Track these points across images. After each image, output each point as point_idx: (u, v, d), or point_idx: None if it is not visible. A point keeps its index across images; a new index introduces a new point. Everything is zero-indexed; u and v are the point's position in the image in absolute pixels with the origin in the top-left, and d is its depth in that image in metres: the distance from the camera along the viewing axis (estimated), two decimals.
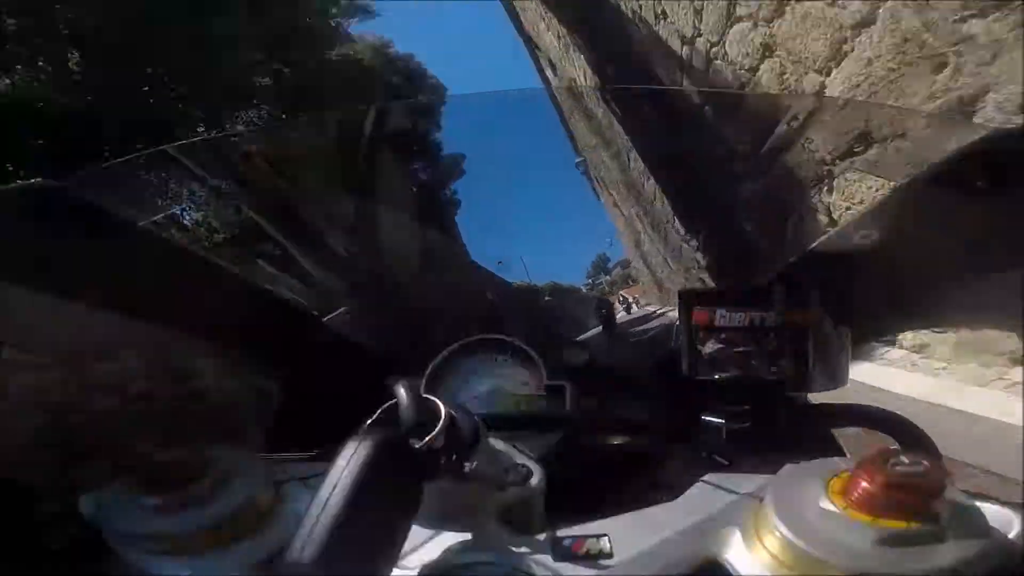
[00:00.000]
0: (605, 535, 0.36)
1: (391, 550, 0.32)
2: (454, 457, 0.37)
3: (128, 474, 0.38)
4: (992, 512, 0.33)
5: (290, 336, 0.87)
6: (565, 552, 0.35)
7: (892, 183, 0.54)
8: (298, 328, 0.88)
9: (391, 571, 0.33)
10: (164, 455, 0.37)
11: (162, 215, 0.62)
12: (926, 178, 0.50)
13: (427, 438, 0.36)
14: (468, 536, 0.37)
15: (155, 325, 0.76)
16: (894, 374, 2.20)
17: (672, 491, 0.41)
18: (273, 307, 0.85)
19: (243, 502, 0.37)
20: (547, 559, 0.35)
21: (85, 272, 0.62)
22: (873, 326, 0.72)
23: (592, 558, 0.35)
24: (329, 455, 0.37)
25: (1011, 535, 0.33)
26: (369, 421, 0.40)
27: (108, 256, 0.61)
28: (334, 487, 0.31)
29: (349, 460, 0.32)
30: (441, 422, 0.37)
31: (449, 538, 0.37)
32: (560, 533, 0.37)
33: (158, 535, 0.36)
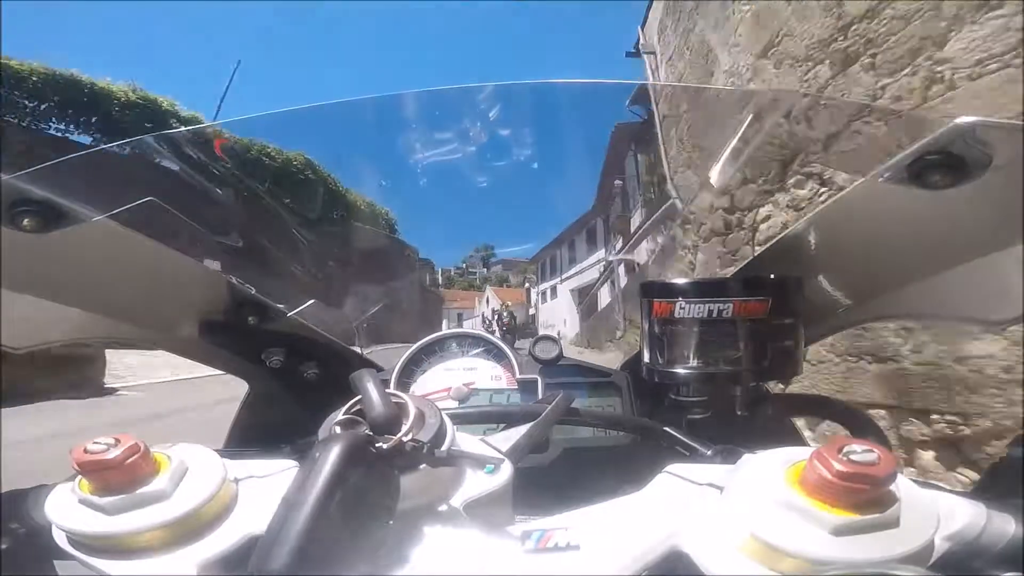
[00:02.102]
0: (573, 527, 0.36)
1: (367, 550, 0.32)
2: (421, 453, 0.37)
3: (78, 472, 0.37)
4: (940, 501, 0.35)
5: (254, 330, 0.86)
6: (534, 545, 0.35)
7: (850, 178, 0.56)
8: (262, 321, 0.86)
9: (366, 570, 0.32)
10: (117, 454, 0.36)
11: (121, 208, 0.61)
12: (884, 173, 0.51)
13: (396, 436, 0.36)
14: (436, 530, 0.37)
15: (113, 318, 0.74)
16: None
17: (637, 483, 0.42)
18: (238, 299, 0.84)
19: (201, 500, 0.36)
20: (516, 552, 0.35)
21: (41, 266, 0.61)
22: (828, 318, 0.74)
23: (560, 550, 0.35)
24: (289, 452, 0.36)
25: (958, 524, 0.35)
26: (335, 419, 0.39)
27: (65, 249, 0.59)
28: (302, 490, 0.31)
29: (317, 462, 0.31)
30: (410, 420, 0.37)
31: (417, 532, 0.37)
32: (528, 526, 0.37)
33: (110, 535, 0.35)
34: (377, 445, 0.35)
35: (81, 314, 0.69)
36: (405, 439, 0.36)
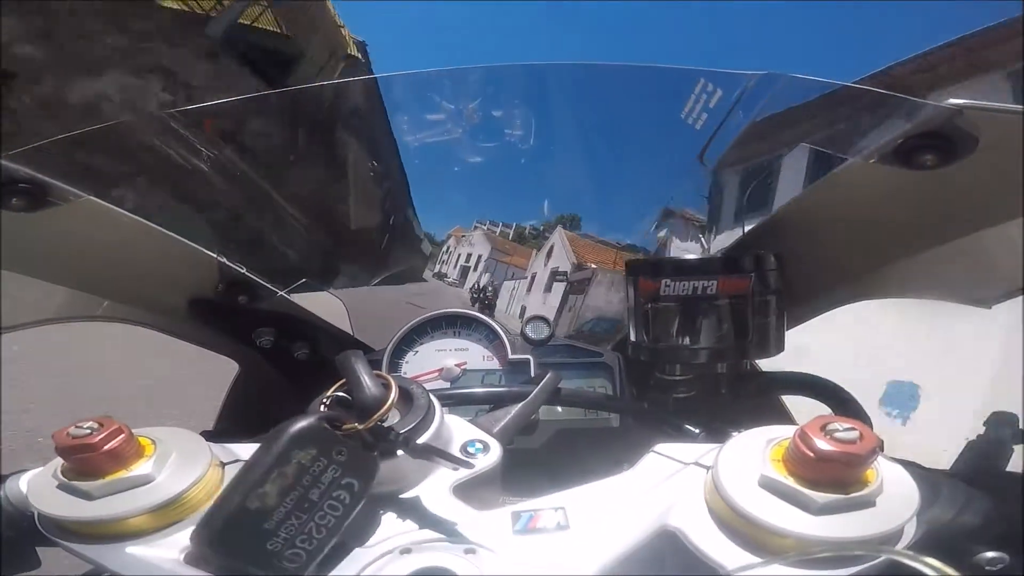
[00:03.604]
0: (562, 508, 0.37)
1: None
2: (407, 433, 0.37)
3: (60, 456, 0.36)
4: (921, 479, 0.36)
5: (244, 309, 0.85)
6: (523, 526, 0.36)
7: (837, 158, 0.56)
8: (253, 300, 0.86)
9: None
10: (100, 438, 0.35)
11: (110, 187, 0.61)
12: (873, 154, 0.51)
13: (374, 416, 0.36)
14: (426, 512, 0.38)
15: (103, 297, 0.74)
16: None
17: (626, 463, 0.42)
18: (228, 279, 0.83)
19: (186, 485, 0.36)
20: (506, 533, 0.35)
21: (29, 244, 0.60)
22: (815, 298, 0.74)
23: (550, 531, 0.35)
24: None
25: (939, 501, 0.35)
26: (321, 399, 0.39)
27: (54, 228, 0.59)
28: (247, 469, 0.32)
29: (268, 442, 0.33)
30: (389, 402, 0.37)
31: (406, 514, 0.38)
32: (518, 507, 0.37)
33: (95, 521, 0.34)
34: (347, 426, 0.35)
35: (70, 292, 0.69)
36: (383, 422, 0.36)
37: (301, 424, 0.33)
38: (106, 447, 0.35)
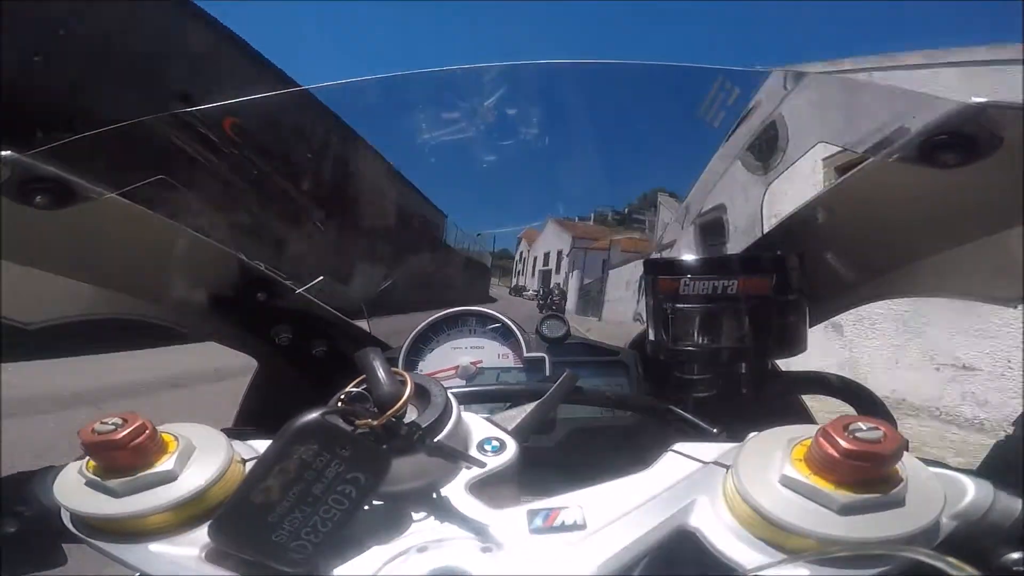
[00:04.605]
0: (579, 506, 0.36)
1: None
2: (422, 430, 0.37)
3: (86, 452, 0.37)
4: (945, 479, 0.35)
5: (263, 306, 0.86)
6: (540, 524, 0.36)
7: (859, 157, 0.55)
8: (271, 298, 0.87)
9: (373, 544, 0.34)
10: (125, 434, 0.36)
11: (132, 186, 0.61)
12: (894, 152, 0.51)
13: (388, 412, 0.36)
14: (442, 510, 0.38)
15: (125, 294, 0.75)
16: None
17: (645, 461, 0.42)
18: (247, 276, 0.84)
19: (207, 481, 0.37)
20: (521, 532, 0.35)
21: (53, 242, 0.61)
22: (836, 297, 0.74)
23: (566, 529, 0.35)
24: None
25: (964, 502, 0.35)
26: (339, 395, 0.40)
27: (77, 226, 0.60)
28: (257, 463, 0.33)
29: (276, 439, 0.33)
30: (404, 398, 0.37)
31: (422, 513, 0.38)
32: (534, 506, 0.37)
33: (118, 517, 0.35)
34: (360, 423, 0.35)
35: (93, 290, 0.70)
36: (395, 419, 0.36)
37: (302, 420, 0.33)
38: (131, 444, 0.36)
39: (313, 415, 0.34)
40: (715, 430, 0.56)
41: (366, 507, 0.35)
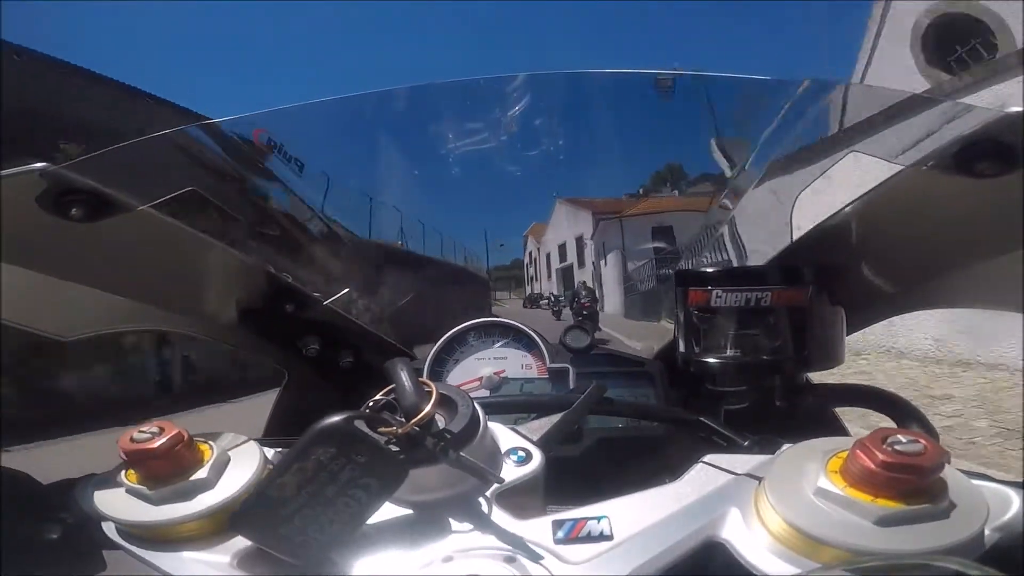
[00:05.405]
0: (605, 517, 0.36)
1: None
2: (449, 439, 0.37)
3: (125, 461, 0.38)
4: (990, 491, 0.34)
5: (291, 318, 0.87)
6: (565, 534, 0.35)
7: (892, 167, 0.54)
8: (299, 309, 0.88)
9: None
10: (162, 443, 0.37)
11: (164, 198, 0.62)
12: (930, 160, 0.50)
13: (411, 420, 0.36)
14: (467, 520, 0.38)
15: (157, 306, 0.76)
16: None
17: (672, 473, 0.41)
18: (275, 288, 0.85)
19: (241, 489, 0.37)
20: (547, 542, 0.35)
21: (88, 254, 0.62)
22: (870, 307, 0.72)
23: (593, 540, 0.35)
24: None
25: (1009, 514, 0.34)
26: (367, 404, 0.40)
27: (111, 238, 0.61)
28: (277, 465, 0.34)
29: (301, 438, 0.34)
30: (428, 407, 0.37)
31: (448, 522, 0.38)
32: (560, 516, 0.37)
33: (156, 525, 0.36)
34: (384, 430, 0.36)
35: (127, 303, 0.71)
36: (420, 428, 0.37)
37: (325, 423, 0.34)
38: (167, 452, 0.37)
39: (337, 418, 0.34)
40: (746, 442, 0.55)
41: (394, 515, 0.36)
